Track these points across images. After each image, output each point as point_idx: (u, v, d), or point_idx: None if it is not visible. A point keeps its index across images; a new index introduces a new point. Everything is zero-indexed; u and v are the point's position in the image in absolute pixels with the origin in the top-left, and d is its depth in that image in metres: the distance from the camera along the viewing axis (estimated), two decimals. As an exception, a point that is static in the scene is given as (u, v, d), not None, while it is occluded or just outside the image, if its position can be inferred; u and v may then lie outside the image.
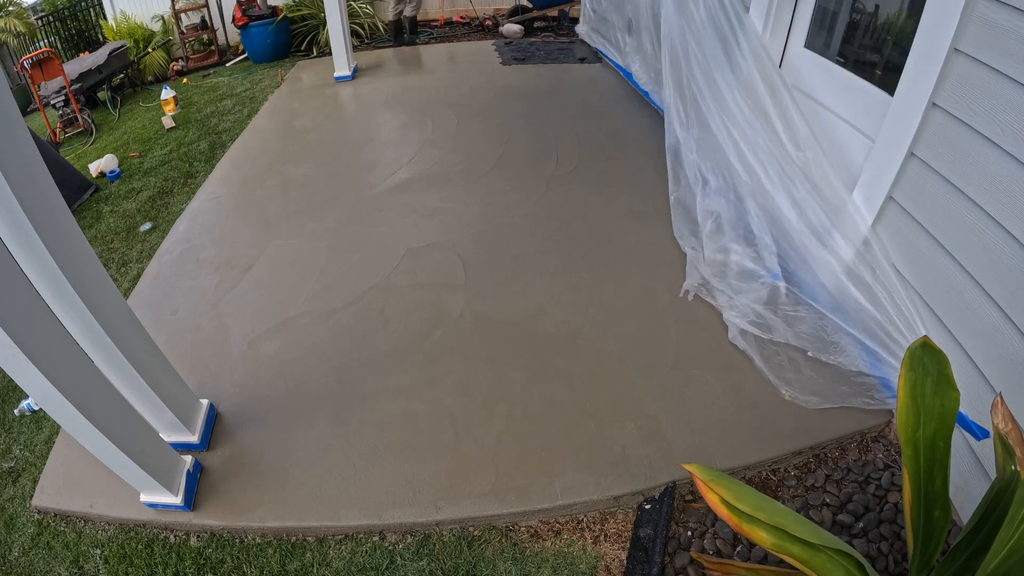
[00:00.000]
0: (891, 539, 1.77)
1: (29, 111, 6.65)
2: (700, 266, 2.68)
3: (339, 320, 2.71)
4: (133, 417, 1.80)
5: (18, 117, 1.39)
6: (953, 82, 1.66)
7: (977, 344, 1.69)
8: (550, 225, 3.21)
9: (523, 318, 2.62)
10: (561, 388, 2.28)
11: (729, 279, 2.54)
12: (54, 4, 8.15)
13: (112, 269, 3.39)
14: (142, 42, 7.14)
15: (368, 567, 1.87)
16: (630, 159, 3.82)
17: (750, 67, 2.70)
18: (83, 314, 1.61)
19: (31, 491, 2.18)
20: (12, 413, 2.57)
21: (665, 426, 2.11)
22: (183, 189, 4.15)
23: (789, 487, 1.98)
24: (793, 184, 2.39)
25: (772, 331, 2.32)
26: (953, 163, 1.69)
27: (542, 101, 4.81)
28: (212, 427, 2.24)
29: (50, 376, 1.41)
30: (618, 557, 1.84)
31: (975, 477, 1.74)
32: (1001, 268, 1.57)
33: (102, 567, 1.94)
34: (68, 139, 5.63)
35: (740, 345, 2.35)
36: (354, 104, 5.19)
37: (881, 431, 2.08)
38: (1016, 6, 1.43)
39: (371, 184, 3.77)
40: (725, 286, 2.53)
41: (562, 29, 6.72)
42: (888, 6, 2.29)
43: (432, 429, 2.18)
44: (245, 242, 3.32)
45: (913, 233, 1.89)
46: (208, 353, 2.60)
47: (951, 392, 1.27)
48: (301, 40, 6.86)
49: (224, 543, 1.97)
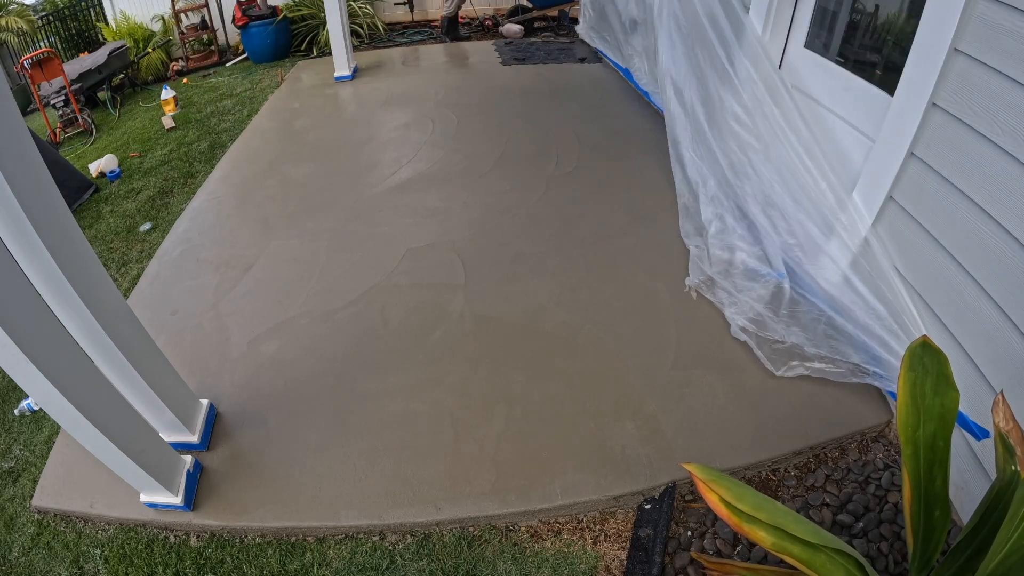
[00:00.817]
0: (891, 539, 1.77)
1: (29, 111, 6.65)
2: (704, 264, 2.69)
3: (339, 320, 2.71)
4: (133, 417, 1.80)
5: (18, 117, 1.39)
6: (953, 82, 1.66)
7: (977, 344, 1.69)
8: (550, 225, 3.22)
9: (523, 318, 2.62)
10: (561, 388, 2.28)
11: (734, 277, 2.55)
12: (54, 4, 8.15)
13: (112, 269, 3.39)
14: (142, 42, 7.14)
15: (368, 567, 1.87)
16: (630, 159, 3.82)
17: (749, 67, 2.70)
18: (83, 314, 1.61)
19: (31, 491, 2.18)
20: (12, 413, 2.57)
21: (665, 426, 2.11)
22: (183, 189, 4.15)
23: (789, 487, 1.98)
24: (793, 184, 2.39)
25: (772, 329, 2.32)
26: (953, 163, 1.69)
27: (542, 101, 4.81)
28: (212, 427, 2.24)
29: (50, 376, 1.41)
30: (618, 557, 1.84)
31: (975, 477, 1.74)
32: (1001, 268, 1.57)
33: (102, 567, 1.94)
34: (68, 139, 5.63)
35: (741, 338, 2.36)
36: (354, 104, 5.19)
37: (881, 431, 2.08)
38: (1016, 6, 1.43)
39: (371, 184, 3.77)
40: (729, 283, 2.54)
41: (562, 29, 6.72)
42: (888, 6, 2.29)
43: (432, 429, 2.18)
44: (245, 242, 3.32)
45: (913, 233, 1.89)
46: (208, 353, 2.60)
47: (951, 392, 1.27)
48: (301, 40, 6.86)
49: (224, 543, 1.97)
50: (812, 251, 2.33)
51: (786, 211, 2.40)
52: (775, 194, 2.45)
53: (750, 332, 2.35)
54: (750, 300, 2.42)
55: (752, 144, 2.61)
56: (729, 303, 2.49)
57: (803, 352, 2.22)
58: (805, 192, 2.33)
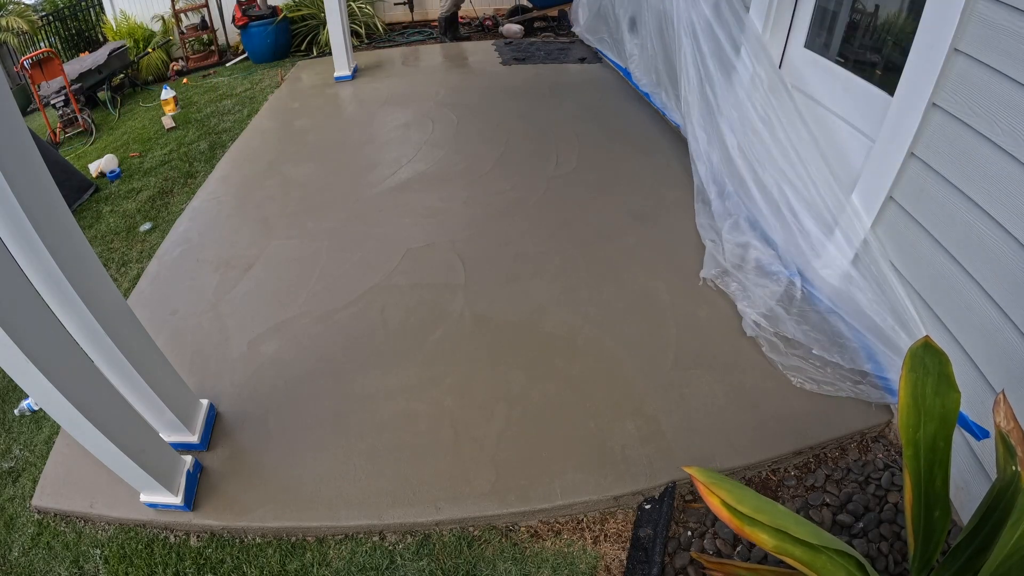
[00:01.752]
0: (891, 539, 1.77)
1: (29, 111, 6.66)
2: (719, 256, 2.71)
3: (339, 320, 2.71)
4: (133, 417, 1.80)
5: (18, 117, 1.39)
6: (953, 82, 1.66)
7: (977, 344, 1.69)
8: (550, 225, 3.21)
9: (523, 318, 2.62)
10: (561, 388, 2.28)
11: (747, 272, 2.56)
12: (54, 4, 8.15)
13: (112, 269, 3.39)
14: (142, 42, 7.14)
15: (368, 567, 1.87)
16: (630, 159, 3.82)
17: (749, 68, 2.70)
18: (83, 314, 1.61)
19: (31, 491, 2.18)
20: (12, 413, 2.57)
21: (665, 426, 2.10)
22: (183, 189, 4.15)
23: (789, 487, 1.98)
24: (794, 184, 2.39)
25: (783, 326, 2.33)
26: (953, 163, 1.69)
27: (542, 101, 4.81)
28: (212, 427, 2.24)
29: (50, 376, 1.41)
30: (618, 557, 1.84)
31: (975, 477, 1.74)
32: (1001, 268, 1.57)
33: (102, 567, 1.94)
34: (68, 139, 5.63)
35: (750, 333, 2.37)
36: (354, 104, 5.19)
37: (881, 431, 2.08)
38: (1016, 6, 1.43)
39: (371, 184, 3.77)
40: (743, 277, 2.56)
41: (562, 29, 6.72)
42: (888, 6, 2.29)
43: (432, 429, 2.18)
44: (245, 242, 3.32)
45: (913, 233, 1.89)
46: (208, 353, 2.60)
47: (952, 393, 1.27)
48: (301, 40, 6.86)
49: (224, 543, 1.97)
50: (813, 251, 2.33)
51: (789, 210, 2.41)
52: (779, 193, 2.46)
53: (763, 327, 2.36)
54: (763, 296, 2.44)
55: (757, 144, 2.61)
56: (742, 297, 2.51)
57: (809, 354, 2.23)
58: (806, 192, 2.33)
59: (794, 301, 2.40)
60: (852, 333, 2.19)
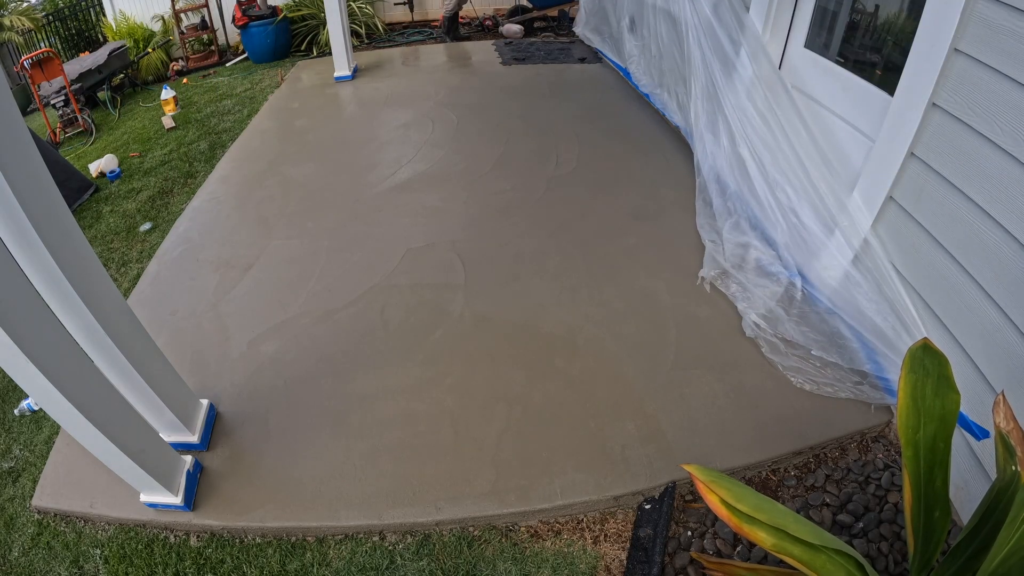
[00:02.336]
0: (891, 539, 1.77)
1: (29, 111, 6.65)
2: (719, 256, 2.71)
3: (339, 320, 2.71)
4: (133, 417, 1.80)
5: (18, 117, 1.39)
6: (953, 82, 1.66)
7: (977, 344, 1.69)
8: (550, 225, 3.21)
9: (523, 318, 2.62)
10: (561, 388, 2.28)
11: (747, 272, 2.56)
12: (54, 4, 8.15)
13: (112, 269, 3.39)
14: (142, 42, 7.13)
15: (368, 567, 1.87)
16: (630, 159, 3.82)
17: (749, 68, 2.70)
18: (83, 314, 1.61)
19: (31, 491, 2.18)
20: (12, 413, 2.57)
21: (665, 426, 2.11)
22: (183, 189, 4.15)
23: (789, 487, 1.98)
24: (794, 184, 2.39)
25: (783, 327, 2.33)
26: (953, 163, 1.69)
27: (542, 101, 4.81)
28: (212, 427, 2.24)
29: (50, 376, 1.41)
30: (618, 557, 1.84)
31: (975, 477, 1.74)
32: (1001, 268, 1.57)
33: (102, 567, 1.94)
34: (68, 139, 5.63)
35: (750, 334, 2.37)
36: (354, 104, 5.19)
37: (881, 431, 2.08)
38: (1016, 6, 1.43)
39: (371, 184, 3.77)
40: (743, 277, 2.56)
41: (562, 29, 6.72)
42: (888, 6, 2.29)
43: (432, 429, 2.18)
44: (245, 242, 3.32)
45: (913, 233, 1.89)
46: (208, 353, 2.60)
47: (951, 394, 1.27)
48: (301, 40, 6.86)
49: (224, 543, 1.97)
50: (813, 251, 2.33)
51: (790, 210, 2.41)
52: (780, 193, 2.46)
53: (762, 328, 2.35)
54: (763, 296, 2.43)
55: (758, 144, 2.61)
56: (742, 297, 2.51)
57: (809, 355, 2.23)
58: (806, 192, 2.33)
59: (794, 302, 2.40)
60: (852, 334, 2.19)
